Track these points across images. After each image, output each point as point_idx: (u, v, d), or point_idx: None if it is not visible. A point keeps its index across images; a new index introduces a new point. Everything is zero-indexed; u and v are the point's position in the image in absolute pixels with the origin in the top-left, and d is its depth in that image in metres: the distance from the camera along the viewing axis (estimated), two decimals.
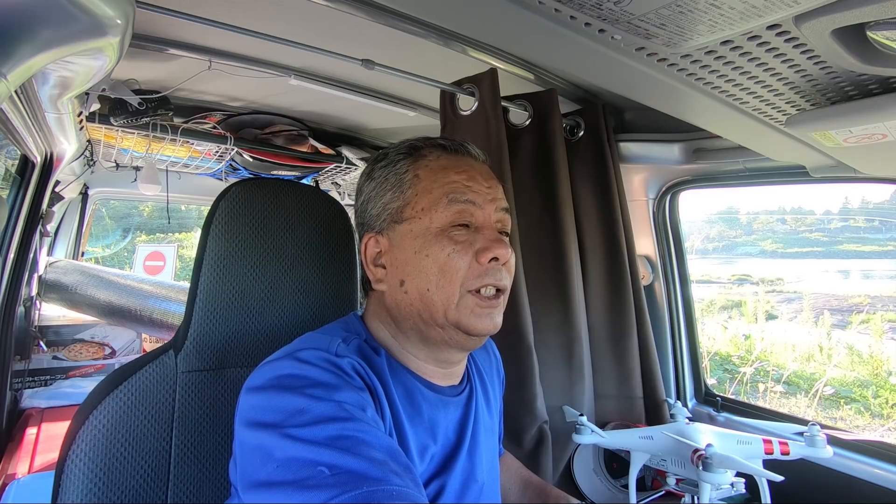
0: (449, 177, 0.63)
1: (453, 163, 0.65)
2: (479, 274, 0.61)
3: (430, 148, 0.67)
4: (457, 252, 0.61)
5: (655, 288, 1.45)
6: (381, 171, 0.67)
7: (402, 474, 0.48)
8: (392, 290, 0.64)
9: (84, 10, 0.47)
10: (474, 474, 0.68)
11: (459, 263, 0.61)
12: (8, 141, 1.23)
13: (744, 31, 0.52)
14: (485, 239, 0.62)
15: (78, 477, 0.64)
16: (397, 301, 0.64)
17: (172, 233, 6.98)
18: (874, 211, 7.27)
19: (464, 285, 0.61)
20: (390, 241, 0.65)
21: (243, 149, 1.75)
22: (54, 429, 1.61)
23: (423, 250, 0.61)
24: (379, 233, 0.66)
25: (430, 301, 0.61)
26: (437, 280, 0.61)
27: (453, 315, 0.61)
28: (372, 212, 0.67)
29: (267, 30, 0.87)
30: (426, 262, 0.61)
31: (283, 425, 0.49)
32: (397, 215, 0.64)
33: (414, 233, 0.62)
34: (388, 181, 0.66)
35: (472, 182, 0.64)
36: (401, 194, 0.64)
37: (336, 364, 0.56)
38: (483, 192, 0.64)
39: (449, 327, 0.61)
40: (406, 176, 0.65)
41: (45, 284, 2.14)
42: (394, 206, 0.64)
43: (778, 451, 0.98)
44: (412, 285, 0.62)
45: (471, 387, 0.72)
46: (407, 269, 0.62)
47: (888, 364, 4.24)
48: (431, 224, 0.62)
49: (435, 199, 0.62)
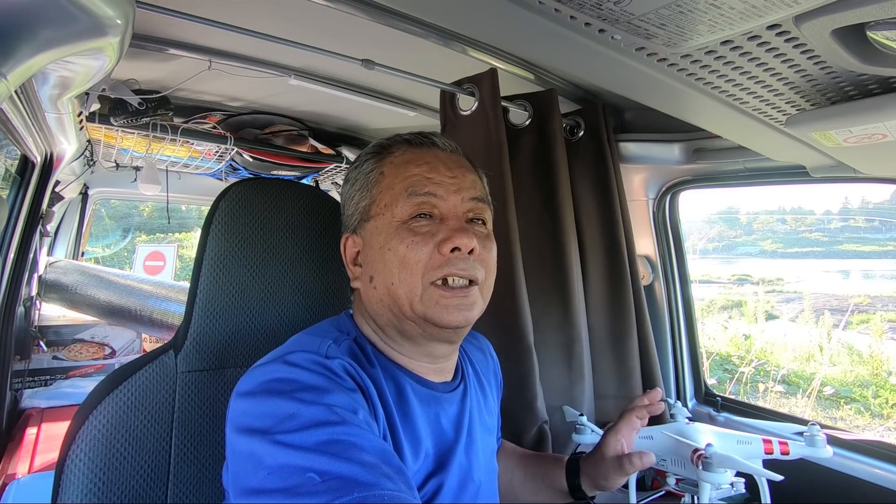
0: (410, 171, 0.64)
1: (416, 156, 0.65)
2: (440, 264, 0.60)
3: (396, 144, 0.67)
4: (416, 243, 0.61)
5: (655, 288, 1.45)
6: (353, 172, 0.69)
7: (395, 477, 0.47)
8: (365, 287, 0.65)
9: (84, 10, 0.47)
10: (471, 474, 0.67)
11: (419, 255, 0.60)
12: (8, 141, 1.23)
13: (744, 31, 0.52)
14: (447, 229, 0.61)
15: (78, 477, 0.64)
16: (369, 298, 0.65)
17: (172, 233, 6.98)
18: (874, 211, 7.27)
19: (425, 276, 0.60)
20: (364, 240, 0.66)
21: (243, 149, 1.75)
22: (54, 429, 1.61)
23: (385, 244, 0.62)
24: (354, 232, 0.67)
25: (396, 295, 0.61)
26: (399, 273, 0.61)
27: (419, 308, 0.60)
28: (346, 212, 0.69)
29: (267, 30, 0.87)
30: (389, 256, 0.62)
31: (273, 431, 0.49)
32: (365, 213, 0.65)
33: (378, 229, 0.63)
34: (357, 182, 0.67)
35: (434, 174, 0.63)
36: (368, 193, 0.66)
37: (326, 366, 0.56)
38: (446, 184, 0.63)
39: (419, 320, 0.61)
40: (372, 175, 0.66)
41: (45, 284, 2.14)
42: (362, 206, 0.66)
43: (778, 450, 0.98)
44: (379, 280, 0.63)
45: (465, 383, 0.72)
46: (375, 265, 0.63)
47: (888, 364, 4.24)
48: (393, 218, 0.62)
49: (396, 194, 0.63)
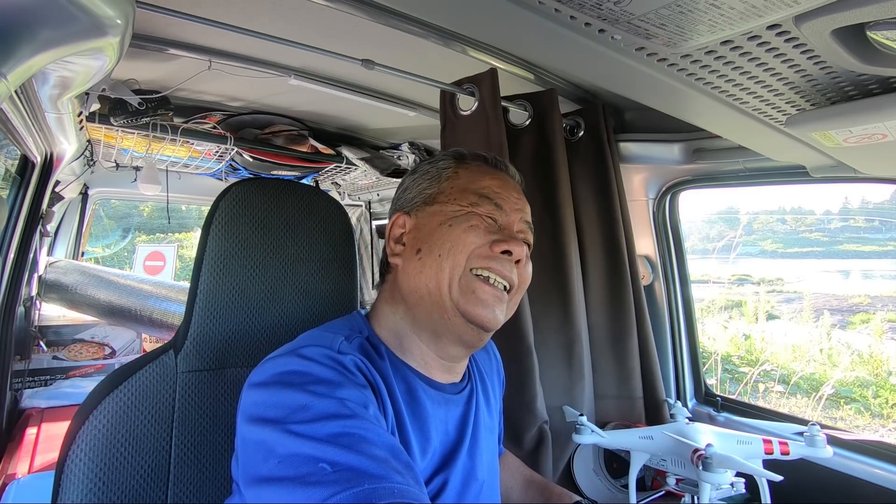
0: (484, 180, 0.69)
1: (491, 172, 0.72)
2: (486, 256, 0.64)
3: (475, 158, 0.74)
4: (474, 228, 0.65)
5: (655, 288, 1.45)
6: (424, 166, 0.74)
7: (404, 472, 0.48)
8: (406, 263, 0.67)
9: (84, 10, 0.47)
10: (475, 473, 0.68)
11: (473, 238, 0.64)
12: (8, 141, 1.23)
13: (744, 31, 0.52)
14: (504, 234, 0.66)
15: (78, 477, 0.64)
16: (409, 272, 0.66)
17: (172, 233, 6.98)
18: (874, 211, 7.26)
19: (469, 261, 0.64)
20: (416, 220, 0.69)
21: (243, 149, 1.75)
22: (54, 429, 1.61)
23: (445, 221, 0.66)
24: (408, 213, 0.71)
25: (439, 267, 0.64)
26: (450, 247, 0.64)
27: (455, 292, 0.63)
28: (407, 196, 0.73)
29: (267, 30, 0.87)
30: (446, 230, 0.65)
31: (285, 421, 0.50)
32: (430, 200, 0.70)
33: (443, 212, 0.67)
34: (428, 173, 0.72)
35: (503, 190, 0.69)
36: (437, 183, 0.70)
37: (339, 361, 0.57)
38: (512, 201, 0.69)
39: (451, 309, 0.63)
40: (446, 172, 0.71)
41: (45, 284, 2.13)
42: (429, 192, 0.70)
43: (778, 451, 0.98)
44: (427, 251, 0.65)
45: (472, 385, 0.73)
46: (427, 238, 0.66)
47: (888, 364, 4.24)
48: (458, 204, 0.67)
49: (467, 193, 0.68)
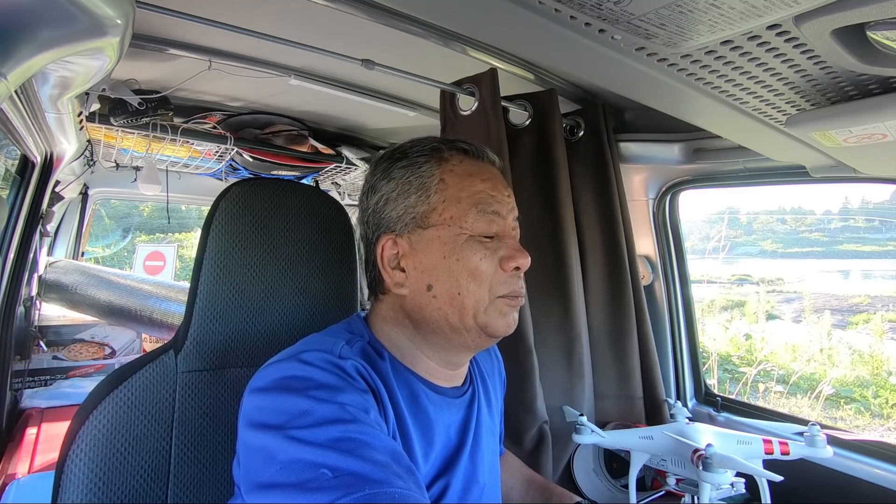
0: (475, 185, 0.64)
1: (477, 169, 0.66)
2: (504, 280, 0.63)
3: (451, 151, 0.66)
4: (486, 258, 0.62)
5: (655, 288, 1.45)
6: (401, 171, 0.65)
7: (405, 477, 0.48)
8: (416, 295, 0.64)
9: (84, 10, 0.47)
10: (476, 476, 0.68)
11: (486, 267, 0.62)
12: (8, 141, 1.23)
13: (744, 31, 0.52)
14: (507, 248, 0.64)
15: (78, 477, 0.64)
16: (422, 305, 0.63)
17: (172, 233, 6.97)
18: (874, 211, 7.25)
19: (492, 291, 0.63)
20: (412, 245, 0.64)
21: (243, 149, 1.75)
22: (54, 429, 1.61)
23: (452, 255, 0.62)
24: (399, 235, 0.65)
25: (462, 304, 0.62)
26: (467, 284, 0.62)
27: (482, 318, 0.62)
28: (391, 213, 0.65)
29: (267, 30, 0.87)
30: (456, 267, 0.62)
31: (286, 427, 0.50)
32: (423, 220, 0.63)
33: (442, 238, 0.63)
34: (411, 184, 0.64)
35: (496, 192, 0.65)
36: (426, 199, 0.63)
37: (339, 366, 0.56)
38: (505, 202, 0.66)
39: (475, 330, 0.63)
40: (431, 180, 0.64)
41: (45, 284, 2.13)
42: (418, 211, 0.63)
43: (778, 451, 0.98)
44: (441, 289, 0.62)
45: (473, 388, 0.73)
46: (435, 273, 0.62)
47: (888, 364, 4.23)
48: (462, 231, 0.62)
49: (464, 208, 0.63)
